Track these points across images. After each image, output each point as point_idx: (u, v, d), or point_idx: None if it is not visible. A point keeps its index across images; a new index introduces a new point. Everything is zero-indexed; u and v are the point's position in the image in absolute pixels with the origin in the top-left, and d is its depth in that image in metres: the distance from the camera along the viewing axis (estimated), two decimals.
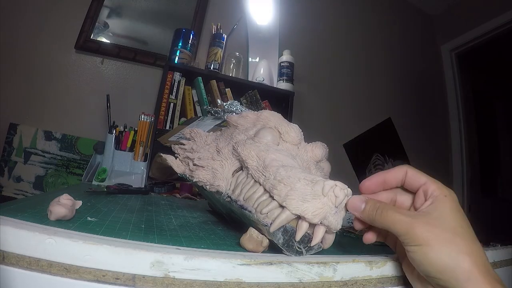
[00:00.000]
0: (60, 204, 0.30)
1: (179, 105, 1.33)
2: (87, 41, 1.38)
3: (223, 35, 1.48)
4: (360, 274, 0.29)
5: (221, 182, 0.37)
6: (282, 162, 0.32)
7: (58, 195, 0.32)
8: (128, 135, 1.09)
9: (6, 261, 0.22)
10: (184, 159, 0.45)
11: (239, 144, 0.36)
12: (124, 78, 1.46)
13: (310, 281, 0.26)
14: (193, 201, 0.84)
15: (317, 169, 0.37)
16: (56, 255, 0.22)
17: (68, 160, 1.30)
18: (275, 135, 0.37)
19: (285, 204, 0.28)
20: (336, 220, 0.28)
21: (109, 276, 0.22)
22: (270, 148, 0.34)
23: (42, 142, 1.28)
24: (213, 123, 0.76)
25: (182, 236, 0.34)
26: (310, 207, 0.27)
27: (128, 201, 0.60)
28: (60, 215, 0.30)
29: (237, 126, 0.43)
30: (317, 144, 0.39)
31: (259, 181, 0.31)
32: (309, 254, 0.30)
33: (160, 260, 0.23)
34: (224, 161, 0.37)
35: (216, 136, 0.44)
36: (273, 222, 0.28)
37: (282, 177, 0.29)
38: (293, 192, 0.28)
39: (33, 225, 0.25)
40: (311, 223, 0.28)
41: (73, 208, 0.32)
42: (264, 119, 0.40)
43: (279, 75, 1.58)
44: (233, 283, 0.24)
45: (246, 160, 0.34)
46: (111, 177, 1.00)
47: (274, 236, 0.29)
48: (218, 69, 1.44)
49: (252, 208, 0.31)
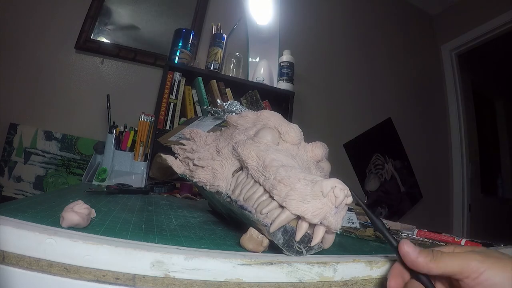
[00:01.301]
0: (74, 211, 0.29)
1: (179, 105, 1.33)
2: (87, 41, 1.38)
3: (223, 35, 1.48)
4: (360, 274, 0.29)
5: (221, 182, 0.36)
6: (282, 162, 0.32)
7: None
8: (128, 135, 1.09)
9: (6, 261, 0.22)
10: (184, 159, 0.45)
11: (239, 144, 0.36)
12: (124, 78, 1.46)
13: (310, 281, 0.26)
14: (193, 201, 0.84)
15: (317, 169, 0.37)
16: (56, 255, 0.22)
17: (68, 160, 1.30)
18: (275, 135, 0.37)
19: (285, 204, 0.28)
20: (336, 220, 0.28)
21: (109, 276, 0.22)
22: (270, 148, 0.34)
23: (42, 142, 1.28)
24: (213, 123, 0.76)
25: (182, 236, 0.34)
26: (310, 207, 0.27)
27: (128, 201, 0.60)
28: (73, 223, 0.28)
29: (237, 126, 0.43)
30: (317, 144, 0.39)
31: (259, 181, 0.31)
32: (309, 254, 0.30)
33: (160, 260, 0.23)
34: (224, 161, 0.37)
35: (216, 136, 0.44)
36: (273, 222, 0.28)
37: (282, 177, 0.29)
38: (293, 192, 0.28)
39: (33, 225, 0.25)
40: (311, 223, 0.28)
41: (89, 217, 0.31)
42: (264, 119, 0.40)
43: (279, 75, 1.58)
44: (233, 283, 0.24)
45: (246, 160, 0.34)
46: (111, 177, 1.00)
47: (274, 236, 0.29)
48: (218, 69, 1.43)
49: (252, 208, 0.31)
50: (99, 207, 0.44)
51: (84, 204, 0.31)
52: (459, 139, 2.19)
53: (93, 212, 0.34)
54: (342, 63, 1.99)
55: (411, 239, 0.52)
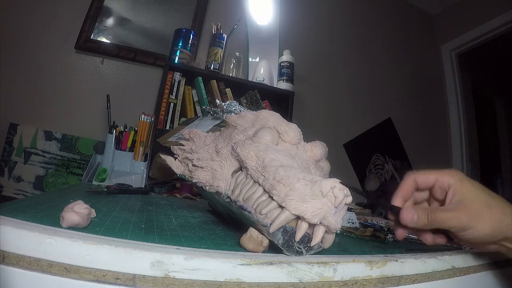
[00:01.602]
0: (74, 211, 0.29)
1: (179, 105, 1.33)
2: (87, 41, 1.38)
3: (223, 35, 1.48)
4: (360, 274, 0.29)
5: (220, 182, 0.36)
6: (281, 162, 0.32)
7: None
8: (128, 135, 1.09)
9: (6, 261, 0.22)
10: (183, 159, 0.45)
11: (238, 144, 0.36)
12: (124, 78, 1.46)
13: (310, 281, 0.26)
14: (193, 201, 0.84)
15: (317, 169, 0.37)
16: (56, 255, 0.22)
17: (68, 160, 1.30)
18: (274, 135, 0.37)
19: (285, 205, 0.28)
20: (336, 220, 0.28)
21: (109, 276, 0.22)
22: (269, 148, 0.34)
23: (42, 142, 1.28)
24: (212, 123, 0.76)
25: (182, 236, 0.34)
26: (309, 207, 0.27)
27: (128, 201, 0.60)
28: (73, 223, 0.28)
29: (236, 126, 0.42)
30: (316, 143, 0.39)
31: (258, 181, 0.31)
32: (309, 254, 0.30)
33: (160, 260, 0.23)
34: (223, 161, 0.37)
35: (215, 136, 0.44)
36: (272, 223, 0.28)
37: (281, 177, 0.29)
38: (292, 192, 0.27)
39: (33, 225, 0.25)
40: (310, 223, 0.28)
41: (89, 217, 0.31)
42: (263, 119, 0.40)
43: (279, 75, 1.58)
44: (233, 283, 0.24)
45: (245, 160, 0.33)
46: (111, 177, 1.00)
47: (274, 236, 0.29)
48: (218, 69, 1.43)
49: (252, 208, 0.31)
50: (99, 207, 0.44)
51: (84, 204, 0.31)
52: (459, 139, 2.19)
53: (93, 212, 0.34)
54: (342, 63, 1.99)
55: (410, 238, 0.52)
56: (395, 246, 0.48)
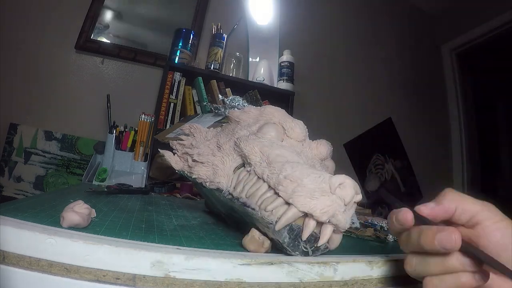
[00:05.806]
0: (74, 211, 0.29)
1: (179, 105, 1.33)
2: (87, 41, 1.38)
3: (223, 35, 1.48)
4: (360, 274, 0.29)
5: (222, 178, 0.35)
6: (287, 158, 0.30)
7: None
8: (128, 135, 1.09)
9: (6, 261, 0.22)
10: (183, 155, 0.43)
11: (241, 139, 0.34)
12: (124, 78, 1.46)
13: (311, 281, 0.26)
14: (193, 201, 0.84)
15: (322, 167, 0.36)
16: (57, 255, 0.22)
17: (69, 160, 1.30)
18: (279, 130, 0.35)
19: (292, 201, 0.26)
20: (345, 218, 0.26)
21: (109, 276, 0.22)
22: (274, 143, 0.33)
23: (43, 142, 1.28)
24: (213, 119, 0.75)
25: (183, 236, 0.34)
26: (318, 204, 0.25)
27: (129, 201, 0.60)
28: (73, 223, 0.28)
29: (239, 121, 0.41)
30: (322, 141, 0.38)
31: (263, 177, 0.30)
32: (315, 255, 0.28)
33: (161, 260, 0.23)
34: (225, 157, 0.36)
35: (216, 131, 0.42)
36: (278, 220, 0.27)
37: (288, 173, 0.27)
38: (300, 188, 0.26)
39: (33, 225, 0.25)
40: (318, 222, 0.26)
41: (89, 217, 0.30)
42: (268, 114, 0.39)
43: (279, 75, 1.57)
44: (233, 283, 0.24)
45: (249, 155, 0.32)
46: (111, 177, 1.00)
47: (279, 235, 0.27)
48: (218, 69, 1.43)
49: (256, 205, 0.29)
50: (99, 207, 0.44)
51: (84, 204, 0.31)
52: (459, 139, 2.19)
53: (93, 212, 0.34)
54: (342, 63, 1.99)
55: None
56: (395, 246, 0.48)
